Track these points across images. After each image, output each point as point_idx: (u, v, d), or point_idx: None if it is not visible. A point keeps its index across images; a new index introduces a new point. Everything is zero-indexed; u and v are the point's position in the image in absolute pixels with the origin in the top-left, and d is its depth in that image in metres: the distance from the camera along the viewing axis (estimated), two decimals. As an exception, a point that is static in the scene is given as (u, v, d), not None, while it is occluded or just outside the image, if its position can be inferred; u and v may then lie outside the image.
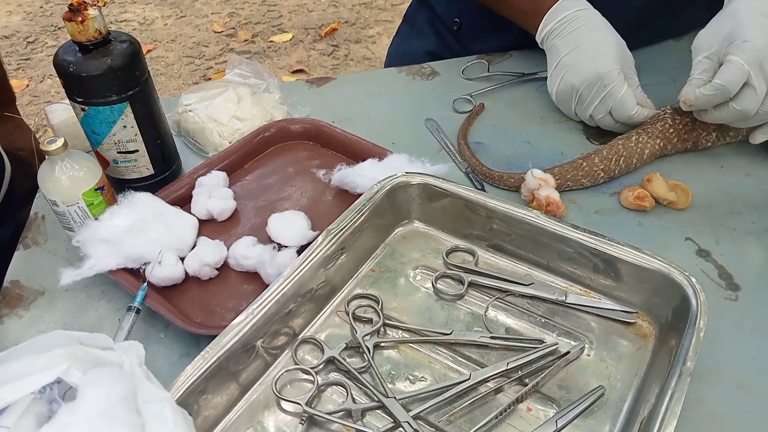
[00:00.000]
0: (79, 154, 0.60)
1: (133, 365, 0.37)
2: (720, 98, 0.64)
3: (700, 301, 0.50)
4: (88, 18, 0.58)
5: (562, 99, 0.77)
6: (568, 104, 0.77)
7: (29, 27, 2.76)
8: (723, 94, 0.63)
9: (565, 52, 0.74)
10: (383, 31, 2.68)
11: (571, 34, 0.74)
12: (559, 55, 0.74)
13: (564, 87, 0.75)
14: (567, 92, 0.75)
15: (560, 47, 0.74)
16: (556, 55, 0.75)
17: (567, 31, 0.74)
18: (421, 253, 0.62)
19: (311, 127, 0.78)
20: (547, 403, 0.50)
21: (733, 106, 0.63)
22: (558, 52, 0.75)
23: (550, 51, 0.77)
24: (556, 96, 0.77)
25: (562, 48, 0.74)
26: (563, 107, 0.79)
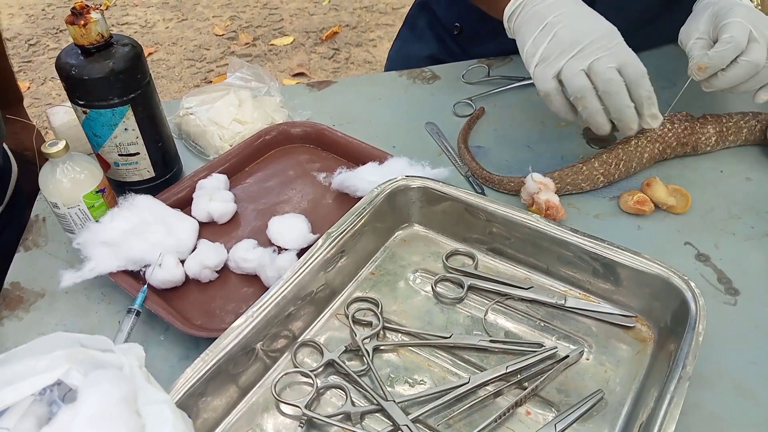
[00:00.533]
0: (80, 157, 0.60)
1: (133, 367, 0.38)
2: (733, 52, 0.64)
3: (700, 306, 0.50)
4: (90, 21, 0.58)
5: (547, 55, 0.65)
6: (555, 61, 0.64)
7: (31, 29, 2.77)
8: (735, 48, 0.64)
9: (552, 15, 0.65)
10: (384, 34, 2.68)
11: (554, 3, 0.66)
12: (544, 19, 0.66)
13: (556, 40, 0.64)
14: (559, 46, 0.64)
15: (544, 12, 0.66)
16: (537, 21, 0.66)
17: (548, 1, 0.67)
18: (421, 257, 0.63)
19: (312, 131, 0.78)
20: (546, 407, 0.50)
21: (743, 59, 0.65)
22: (540, 17, 0.66)
23: (532, 18, 0.67)
24: (543, 54, 0.65)
25: (546, 12, 0.66)
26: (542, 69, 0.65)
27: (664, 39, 0.94)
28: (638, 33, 0.84)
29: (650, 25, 0.87)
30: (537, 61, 0.65)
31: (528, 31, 0.67)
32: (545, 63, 0.64)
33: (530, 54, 0.66)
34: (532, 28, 0.66)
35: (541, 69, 0.65)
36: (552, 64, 0.64)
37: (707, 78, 0.67)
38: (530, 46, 0.66)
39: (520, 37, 0.68)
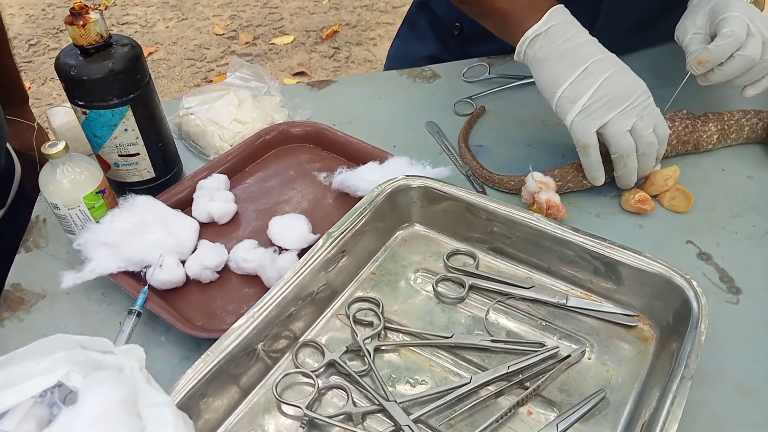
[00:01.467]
0: (80, 158, 0.60)
1: (134, 369, 0.38)
2: (732, 46, 0.65)
3: (701, 305, 0.50)
4: (89, 22, 0.58)
5: (593, 109, 0.64)
6: (600, 114, 0.64)
7: (31, 30, 2.77)
8: (735, 41, 0.65)
9: (591, 60, 0.64)
10: (384, 33, 2.68)
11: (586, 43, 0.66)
12: (583, 62, 0.64)
13: (602, 93, 0.63)
14: (606, 100, 0.63)
15: (580, 53, 0.65)
16: (577, 60, 0.65)
17: (577, 37, 0.66)
18: (422, 256, 0.62)
19: (312, 130, 0.78)
20: (548, 407, 0.50)
21: (739, 54, 0.65)
22: (577, 58, 0.65)
23: (564, 56, 0.65)
24: (585, 105, 0.64)
25: (582, 55, 0.65)
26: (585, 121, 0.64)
27: (665, 37, 0.93)
28: (641, 32, 0.84)
29: (653, 24, 0.87)
30: (578, 110, 0.64)
31: (562, 70, 0.65)
32: (588, 114, 0.64)
33: (568, 99, 0.65)
34: (568, 68, 0.65)
35: (584, 120, 0.64)
36: (597, 118, 0.64)
37: (704, 72, 0.67)
38: (568, 90, 0.65)
39: (546, 71, 0.66)
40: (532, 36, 0.67)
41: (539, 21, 0.66)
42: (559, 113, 0.66)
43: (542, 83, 0.67)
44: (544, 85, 0.67)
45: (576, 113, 0.65)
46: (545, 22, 0.66)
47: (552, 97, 0.66)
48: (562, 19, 0.67)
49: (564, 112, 0.65)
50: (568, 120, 0.65)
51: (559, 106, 0.66)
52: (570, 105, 0.65)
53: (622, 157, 0.65)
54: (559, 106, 0.66)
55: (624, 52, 0.70)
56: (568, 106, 0.65)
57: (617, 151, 0.65)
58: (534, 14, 0.67)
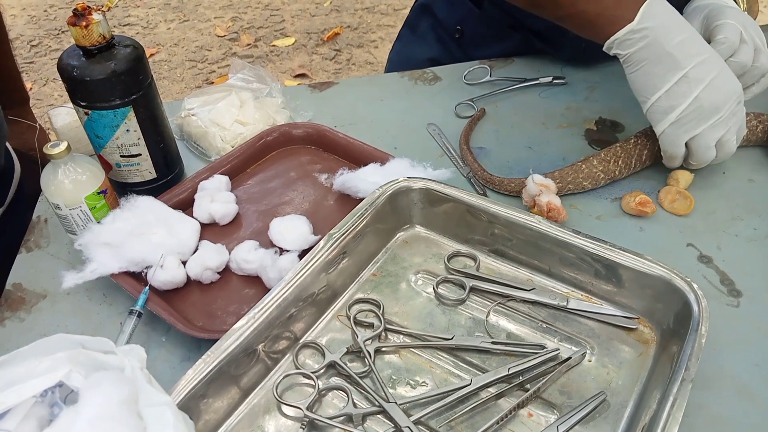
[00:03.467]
0: (82, 158, 0.60)
1: (135, 369, 0.38)
2: (727, 52, 0.66)
3: (702, 307, 0.50)
4: (92, 23, 0.58)
5: (686, 121, 0.63)
6: (693, 127, 0.64)
7: (33, 30, 2.77)
8: (729, 48, 0.66)
9: (690, 64, 0.62)
10: (386, 35, 2.68)
11: (685, 41, 0.63)
12: (681, 67, 0.62)
13: (698, 106, 0.62)
14: (700, 113, 0.63)
15: (678, 56, 0.62)
16: (675, 65, 0.62)
17: (675, 36, 0.63)
18: (423, 258, 0.62)
19: (313, 132, 0.78)
20: (549, 409, 0.50)
21: (732, 60, 0.67)
22: (678, 63, 0.62)
23: (662, 58, 0.63)
24: (678, 117, 0.63)
25: (681, 57, 0.62)
26: (676, 132, 0.64)
27: None
28: None
29: None
30: (671, 121, 0.64)
31: (658, 75, 0.63)
32: (681, 126, 0.64)
33: (661, 109, 0.64)
34: (664, 74, 0.63)
35: (676, 131, 0.65)
36: (688, 130, 0.64)
37: None
38: (663, 98, 0.63)
39: (641, 73, 0.65)
40: (624, 37, 0.64)
41: (633, 20, 0.63)
42: (651, 120, 0.66)
43: (635, 84, 0.66)
44: (637, 86, 0.66)
45: (668, 124, 0.64)
46: (640, 21, 0.63)
47: (645, 101, 0.65)
48: (660, 12, 0.63)
49: (656, 120, 0.65)
50: (658, 129, 0.66)
51: (650, 113, 0.66)
52: (663, 115, 0.64)
53: (696, 165, 0.68)
54: (651, 113, 0.65)
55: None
56: (660, 116, 0.65)
57: (697, 161, 0.67)
58: (625, 12, 0.63)
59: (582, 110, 0.84)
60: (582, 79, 0.90)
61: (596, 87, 0.89)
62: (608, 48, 0.66)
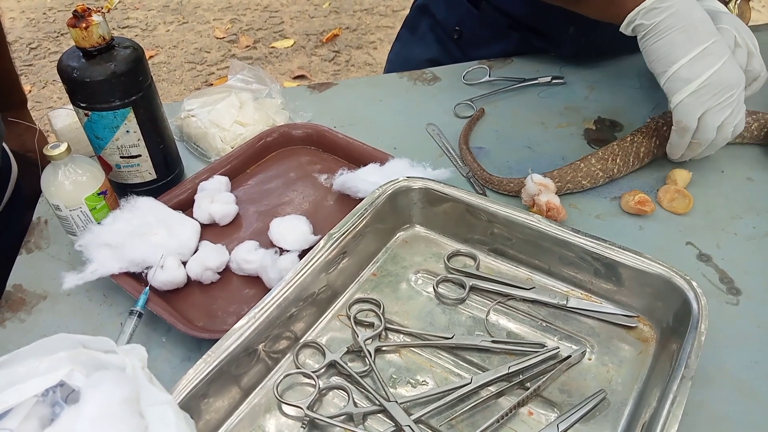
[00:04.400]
0: (82, 159, 0.60)
1: (136, 368, 0.38)
2: None
3: (702, 305, 0.50)
4: (92, 24, 0.59)
5: (704, 93, 0.63)
6: (708, 100, 0.64)
7: (32, 33, 2.77)
8: None
9: (710, 40, 0.63)
10: (384, 36, 2.69)
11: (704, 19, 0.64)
12: (703, 41, 0.63)
13: (716, 80, 0.63)
14: (718, 86, 0.63)
15: (701, 30, 0.63)
16: (698, 37, 0.63)
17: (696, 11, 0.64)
18: (423, 258, 0.63)
19: (313, 132, 0.78)
20: (549, 407, 0.50)
21: None
22: (700, 36, 0.63)
23: (685, 28, 0.63)
24: (698, 87, 0.63)
25: (703, 32, 0.63)
26: (693, 104, 0.64)
27: None
28: None
29: None
30: (691, 91, 0.64)
31: (681, 44, 0.64)
32: (699, 97, 0.64)
33: (682, 78, 0.64)
34: (687, 44, 0.63)
35: (693, 102, 0.64)
36: (704, 103, 0.64)
37: None
38: (686, 67, 0.63)
39: (663, 42, 0.64)
40: (652, 5, 0.64)
41: None
42: (668, 90, 0.65)
43: (657, 53, 0.65)
44: (658, 55, 0.65)
45: (687, 94, 0.64)
46: None
47: (664, 71, 0.65)
48: None
49: (674, 90, 0.64)
50: (676, 99, 0.65)
51: (670, 83, 0.65)
52: (683, 84, 0.64)
53: (698, 145, 0.67)
54: (671, 82, 0.65)
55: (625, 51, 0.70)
56: (680, 85, 0.64)
57: (700, 139, 0.66)
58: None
59: (581, 110, 0.84)
60: (581, 79, 0.90)
61: (595, 87, 0.89)
62: (630, 20, 0.66)
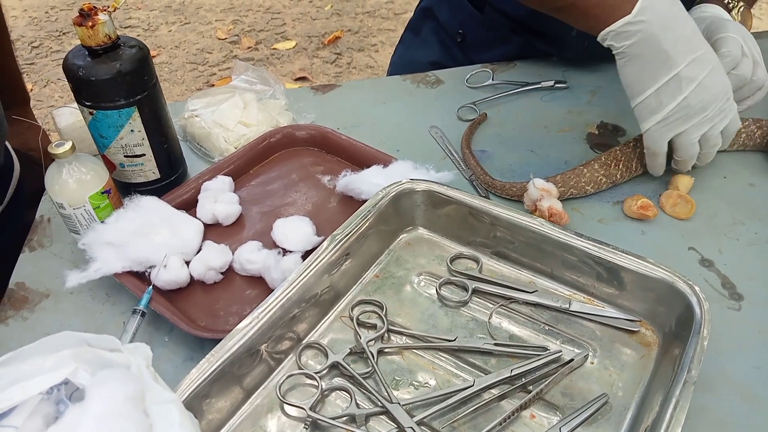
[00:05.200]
0: (86, 158, 0.60)
1: (141, 367, 0.38)
2: (729, 66, 0.68)
3: (704, 310, 0.50)
4: (98, 23, 0.59)
5: (672, 120, 0.64)
6: (677, 126, 0.64)
7: (34, 32, 2.77)
8: (733, 61, 0.68)
9: (684, 62, 0.62)
10: (386, 39, 2.69)
11: (681, 37, 0.62)
12: (675, 65, 0.62)
13: (685, 106, 0.63)
14: (686, 113, 0.63)
15: (673, 54, 0.62)
16: (668, 62, 0.62)
17: (672, 32, 0.62)
18: (426, 260, 0.63)
19: (316, 134, 0.78)
20: (551, 411, 0.50)
21: (734, 73, 0.68)
22: (672, 60, 0.62)
23: (655, 55, 0.62)
24: (667, 114, 0.64)
25: (675, 55, 0.62)
26: (661, 131, 0.65)
27: None
28: None
29: None
30: (658, 120, 0.64)
31: (649, 72, 0.63)
32: (666, 125, 0.65)
33: (649, 107, 0.64)
34: (656, 72, 0.63)
35: (660, 129, 0.65)
36: (673, 129, 0.65)
37: None
38: (652, 97, 0.63)
39: (633, 69, 0.64)
40: (620, 29, 0.62)
41: (630, 12, 0.62)
42: (637, 116, 0.66)
43: (626, 78, 0.65)
44: (627, 81, 0.66)
45: (654, 123, 0.65)
46: (637, 14, 0.61)
47: (633, 97, 0.65)
48: (658, 6, 0.62)
49: (642, 118, 0.66)
50: (644, 126, 0.66)
51: (638, 110, 0.66)
52: (650, 114, 0.65)
53: (682, 162, 0.68)
54: (639, 110, 0.66)
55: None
56: (647, 114, 0.65)
57: (681, 157, 0.67)
58: (624, 4, 0.62)
59: (584, 114, 0.85)
60: (584, 84, 0.90)
61: (598, 91, 0.89)
62: (602, 39, 0.65)
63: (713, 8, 0.77)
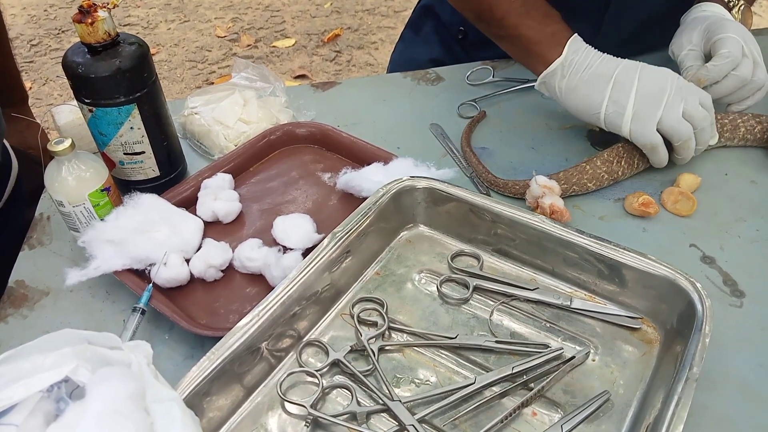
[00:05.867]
0: (85, 155, 0.60)
1: (141, 364, 0.37)
2: (730, 67, 0.69)
3: (706, 307, 0.50)
4: (97, 20, 0.58)
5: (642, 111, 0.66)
6: (650, 113, 0.65)
7: (33, 30, 2.77)
8: (732, 62, 0.69)
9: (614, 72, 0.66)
10: (386, 37, 2.69)
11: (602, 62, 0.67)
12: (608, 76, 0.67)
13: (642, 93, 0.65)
14: (648, 98, 0.65)
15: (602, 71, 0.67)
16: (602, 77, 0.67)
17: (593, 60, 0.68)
18: (426, 257, 0.63)
19: (317, 131, 0.78)
20: (552, 408, 0.50)
21: (734, 74, 0.69)
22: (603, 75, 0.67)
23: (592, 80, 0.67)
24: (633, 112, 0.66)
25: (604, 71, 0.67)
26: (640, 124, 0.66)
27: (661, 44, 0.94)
28: (650, 31, 0.85)
29: (661, 23, 0.88)
30: (629, 118, 0.66)
31: (594, 92, 0.67)
32: (640, 119, 0.66)
33: (615, 114, 0.67)
34: (599, 89, 0.67)
35: (640, 125, 0.66)
36: (649, 118, 0.66)
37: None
38: (610, 105, 0.66)
39: (579, 98, 0.68)
40: (556, 69, 0.69)
41: (562, 54, 0.68)
42: (612, 128, 0.68)
43: (578, 108, 0.69)
44: (581, 109, 0.69)
45: (629, 123, 0.66)
46: (567, 55, 0.68)
47: (597, 118, 0.68)
48: (579, 47, 0.69)
49: (616, 126, 0.67)
50: (624, 131, 0.67)
51: (608, 122, 0.68)
52: (619, 118, 0.67)
53: (683, 144, 0.67)
54: (609, 122, 0.67)
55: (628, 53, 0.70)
56: (617, 120, 0.67)
57: (680, 139, 0.67)
58: (556, 46, 0.68)
59: (584, 111, 0.84)
60: (584, 81, 0.90)
61: (598, 88, 0.89)
62: (540, 84, 0.71)
63: (714, 7, 0.77)
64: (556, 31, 0.69)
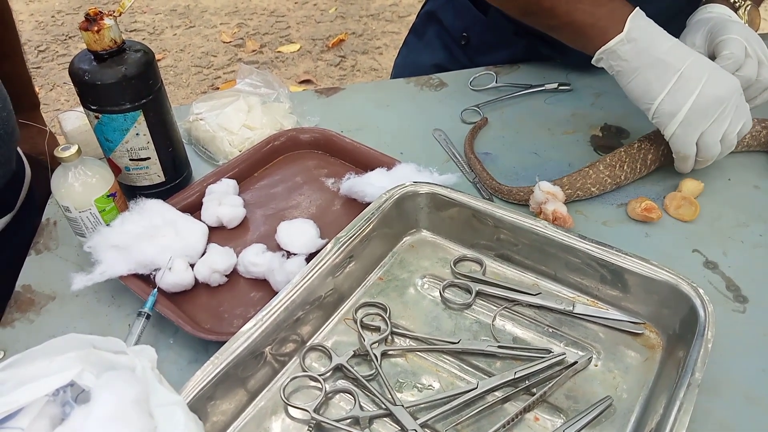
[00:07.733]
0: (92, 161, 0.61)
1: (146, 369, 0.38)
2: (733, 67, 0.68)
3: (708, 312, 0.50)
4: (103, 28, 0.59)
5: (694, 119, 0.64)
6: (700, 124, 0.64)
7: (40, 36, 2.79)
8: (735, 63, 0.68)
9: (684, 65, 0.63)
10: (390, 42, 2.70)
11: (672, 47, 0.64)
12: (676, 68, 0.63)
13: (702, 102, 0.63)
14: (705, 108, 0.63)
15: (670, 60, 0.63)
16: (670, 67, 0.64)
17: (662, 43, 0.64)
18: (429, 262, 0.63)
19: (320, 137, 0.78)
20: (555, 413, 0.50)
21: (738, 74, 0.68)
22: (672, 65, 0.64)
23: (656, 64, 0.64)
24: (686, 116, 0.64)
25: (673, 60, 0.63)
26: (686, 131, 0.65)
27: None
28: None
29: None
30: (680, 120, 0.64)
31: (655, 79, 0.64)
32: (689, 125, 0.64)
33: (667, 111, 0.64)
34: (662, 77, 0.64)
35: (685, 131, 0.65)
36: (696, 128, 0.65)
37: None
38: (667, 101, 0.64)
39: (637, 81, 0.65)
40: (615, 47, 0.65)
41: (622, 31, 0.64)
42: (658, 125, 0.67)
43: (634, 93, 0.66)
44: (636, 95, 0.66)
45: (677, 125, 0.65)
46: (629, 30, 0.64)
47: (648, 108, 0.66)
48: (644, 24, 0.65)
49: (663, 124, 0.66)
50: (668, 132, 0.66)
51: (658, 118, 0.66)
52: (670, 118, 0.65)
53: (704, 162, 0.68)
54: (658, 117, 0.66)
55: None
56: (667, 119, 0.65)
57: (703, 157, 0.67)
58: (615, 24, 0.65)
59: (587, 116, 0.85)
60: (587, 86, 0.90)
61: (601, 93, 0.89)
62: (597, 59, 0.67)
63: (719, 8, 0.77)
64: (614, 9, 0.65)
